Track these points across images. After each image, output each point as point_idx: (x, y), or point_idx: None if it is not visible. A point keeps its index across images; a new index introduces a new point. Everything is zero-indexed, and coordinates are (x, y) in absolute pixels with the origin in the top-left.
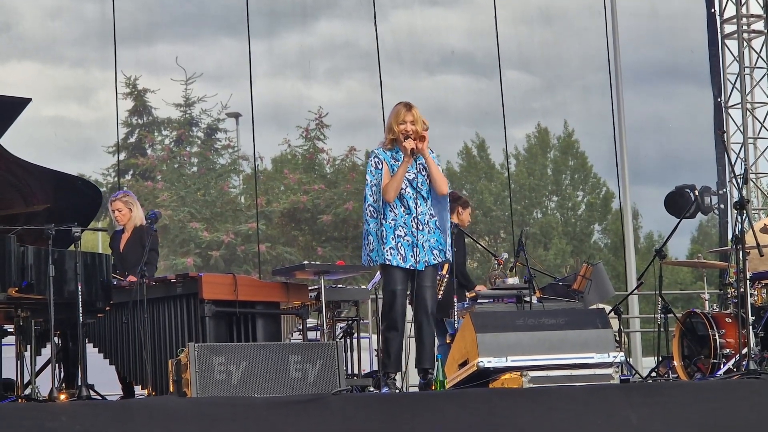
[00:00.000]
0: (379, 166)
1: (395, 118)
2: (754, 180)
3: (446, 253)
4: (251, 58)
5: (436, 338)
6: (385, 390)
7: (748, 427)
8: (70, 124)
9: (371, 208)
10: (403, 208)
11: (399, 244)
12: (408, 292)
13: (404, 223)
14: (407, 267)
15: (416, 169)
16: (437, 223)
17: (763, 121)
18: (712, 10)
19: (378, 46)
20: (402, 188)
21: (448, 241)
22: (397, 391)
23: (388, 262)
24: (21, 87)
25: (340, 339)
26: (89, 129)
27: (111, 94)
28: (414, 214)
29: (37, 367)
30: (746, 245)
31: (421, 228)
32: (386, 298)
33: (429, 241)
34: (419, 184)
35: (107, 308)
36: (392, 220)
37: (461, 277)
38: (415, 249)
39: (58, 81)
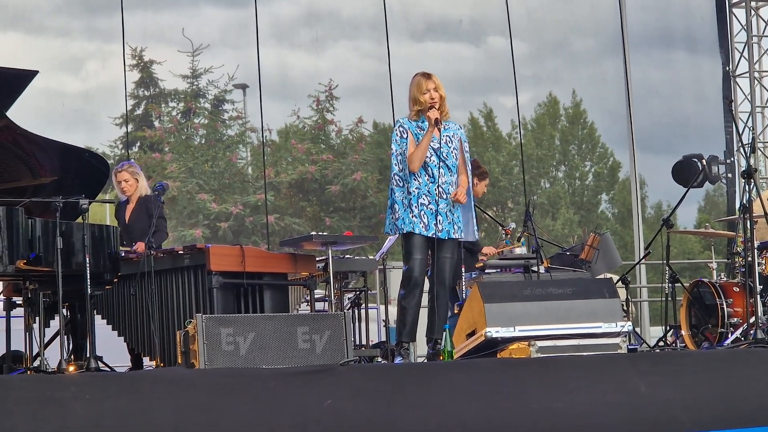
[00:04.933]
0: (404, 136)
1: (417, 89)
2: (761, 149)
3: (469, 233)
4: (258, 27)
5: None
6: (398, 359)
7: (757, 395)
8: (60, 95)
9: (397, 177)
10: (427, 177)
11: (422, 212)
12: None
13: (428, 191)
14: (429, 235)
15: (443, 139)
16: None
17: None
18: None
19: (386, 15)
20: (427, 157)
21: (473, 221)
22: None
23: (410, 230)
24: (10, 58)
25: (347, 310)
26: (79, 100)
27: (100, 64)
28: (438, 183)
29: (46, 339)
30: (754, 214)
31: (444, 197)
32: (406, 266)
33: (453, 213)
34: (444, 154)
35: (115, 280)
36: (416, 188)
37: (467, 242)
38: (438, 217)
39: (43, 52)
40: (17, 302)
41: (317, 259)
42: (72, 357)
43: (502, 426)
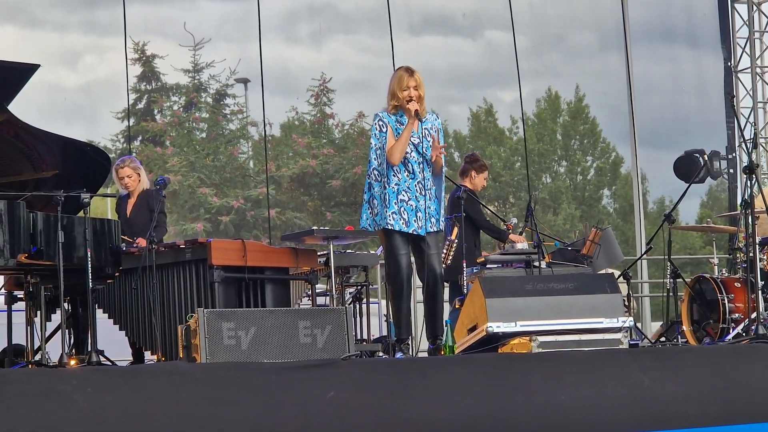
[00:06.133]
0: (384, 130)
1: (398, 84)
2: (763, 144)
3: (441, 222)
4: (260, 21)
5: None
6: (399, 355)
7: (758, 392)
8: (60, 89)
9: (376, 172)
10: (407, 173)
11: (402, 209)
12: (412, 259)
13: (408, 187)
14: (410, 232)
15: (422, 134)
16: (436, 192)
17: None
18: None
19: (389, 9)
20: (407, 152)
21: (442, 212)
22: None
23: (390, 227)
24: (7, 52)
25: (349, 304)
26: (79, 94)
27: (100, 59)
28: (418, 179)
29: (47, 333)
30: (755, 210)
31: (424, 193)
32: (391, 264)
33: (430, 208)
34: (424, 149)
35: (116, 274)
36: (395, 184)
37: (490, 232)
38: (418, 214)
39: (41, 45)
40: (19, 296)
41: (319, 253)
42: (73, 351)
43: (504, 419)
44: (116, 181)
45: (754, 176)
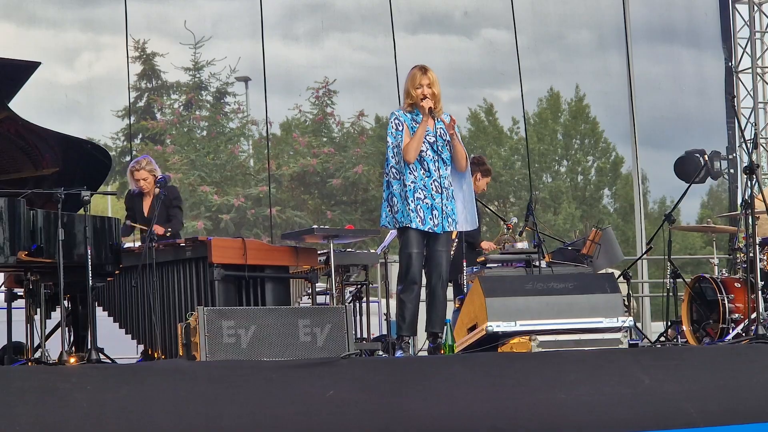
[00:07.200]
0: (400, 128)
1: (412, 82)
2: (764, 145)
3: (468, 221)
4: (263, 19)
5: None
6: (399, 353)
7: (758, 392)
8: (61, 87)
9: (394, 170)
10: (423, 171)
11: (418, 207)
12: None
13: (424, 185)
14: (426, 230)
15: (437, 132)
16: (454, 192)
17: None
18: None
19: (391, 8)
20: (422, 150)
21: (474, 210)
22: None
23: (407, 225)
24: (5, 50)
25: (349, 303)
26: (80, 92)
27: (101, 56)
28: (434, 177)
29: (47, 331)
30: (756, 210)
31: (440, 192)
32: (403, 261)
33: (447, 207)
34: (439, 147)
35: (117, 272)
36: (411, 182)
37: (468, 236)
38: (434, 212)
39: (38, 42)
40: (18, 293)
41: (319, 252)
42: (73, 349)
43: (503, 418)
44: (131, 182)
45: (754, 176)
